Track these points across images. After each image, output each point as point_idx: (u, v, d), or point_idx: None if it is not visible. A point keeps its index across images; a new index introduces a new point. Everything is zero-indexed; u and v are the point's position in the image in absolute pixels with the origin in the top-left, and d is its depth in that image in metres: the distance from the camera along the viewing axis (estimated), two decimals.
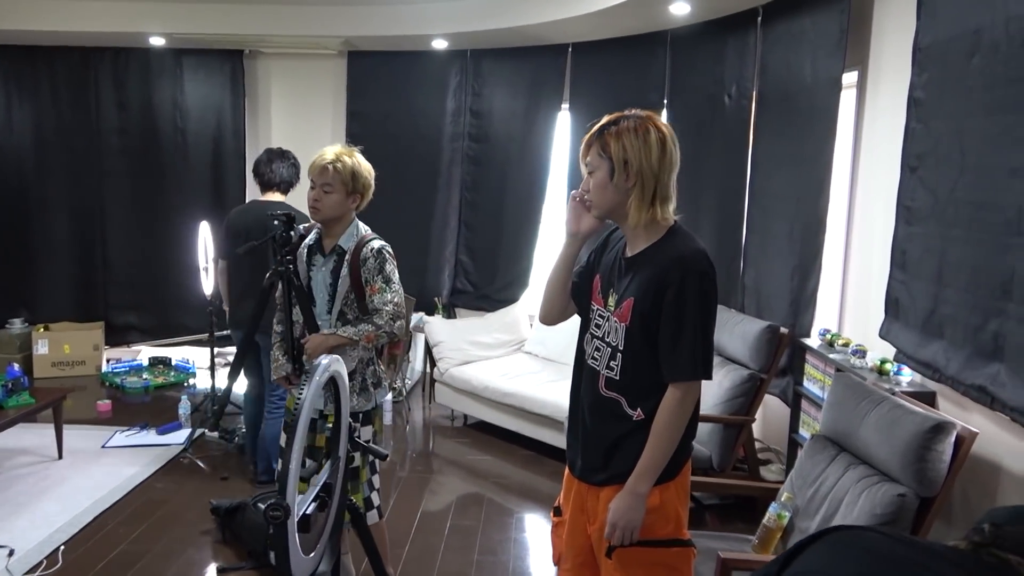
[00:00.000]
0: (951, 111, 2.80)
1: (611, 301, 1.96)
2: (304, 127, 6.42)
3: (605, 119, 1.93)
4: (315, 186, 2.74)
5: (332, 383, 1.76)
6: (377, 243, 2.79)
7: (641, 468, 1.86)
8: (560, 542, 2.12)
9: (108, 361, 6.42)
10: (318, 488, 1.69)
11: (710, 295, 1.87)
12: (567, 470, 2.13)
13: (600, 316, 1.99)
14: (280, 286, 2.83)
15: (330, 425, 2.04)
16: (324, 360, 1.66)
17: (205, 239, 5.37)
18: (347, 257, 2.75)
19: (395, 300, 2.74)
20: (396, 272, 2.81)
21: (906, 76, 3.15)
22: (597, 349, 1.98)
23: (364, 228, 2.87)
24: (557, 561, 2.15)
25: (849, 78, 3.89)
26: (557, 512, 2.16)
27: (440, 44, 5.98)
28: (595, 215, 1.97)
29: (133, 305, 6.69)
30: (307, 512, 1.57)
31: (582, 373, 2.05)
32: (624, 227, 1.97)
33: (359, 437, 2.83)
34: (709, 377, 1.90)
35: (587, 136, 1.93)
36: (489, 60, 6.10)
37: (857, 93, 3.88)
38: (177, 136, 6.48)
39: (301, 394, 1.52)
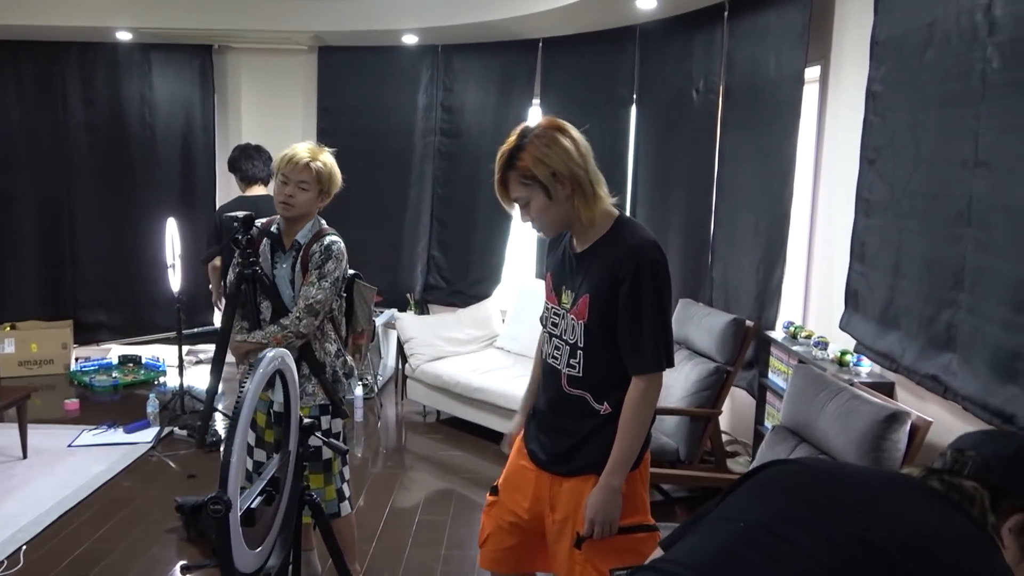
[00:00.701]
0: (906, 104, 2.83)
1: (565, 299, 1.97)
2: (274, 123, 6.38)
3: (503, 152, 1.90)
4: (289, 182, 2.69)
5: (281, 376, 1.76)
6: (328, 239, 2.76)
7: (614, 462, 1.88)
8: (490, 522, 2.15)
9: (77, 360, 6.35)
10: (265, 482, 1.68)
11: (664, 283, 1.89)
12: (515, 454, 2.15)
13: (555, 314, 2.00)
14: (245, 287, 2.80)
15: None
16: (269, 353, 1.66)
17: (172, 236, 5.32)
18: (300, 252, 2.74)
19: (317, 297, 2.67)
20: (339, 271, 2.74)
21: (866, 70, 3.18)
22: (556, 348, 1.99)
23: (322, 224, 2.84)
24: (483, 542, 2.18)
25: (812, 72, 3.92)
26: (494, 491, 2.17)
27: (411, 39, 5.96)
28: (548, 236, 2.01)
29: (102, 303, 6.62)
30: (252, 506, 1.56)
31: (545, 374, 2.07)
32: (575, 227, 1.97)
33: (330, 430, 2.83)
34: (672, 365, 1.92)
35: (497, 176, 1.90)
36: (460, 55, 6.09)
37: (820, 87, 3.92)
38: (146, 132, 6.42)
39: (243, 387, 1.51)
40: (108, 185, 6.47)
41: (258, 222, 2.84)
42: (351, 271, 2.91)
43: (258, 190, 4.28)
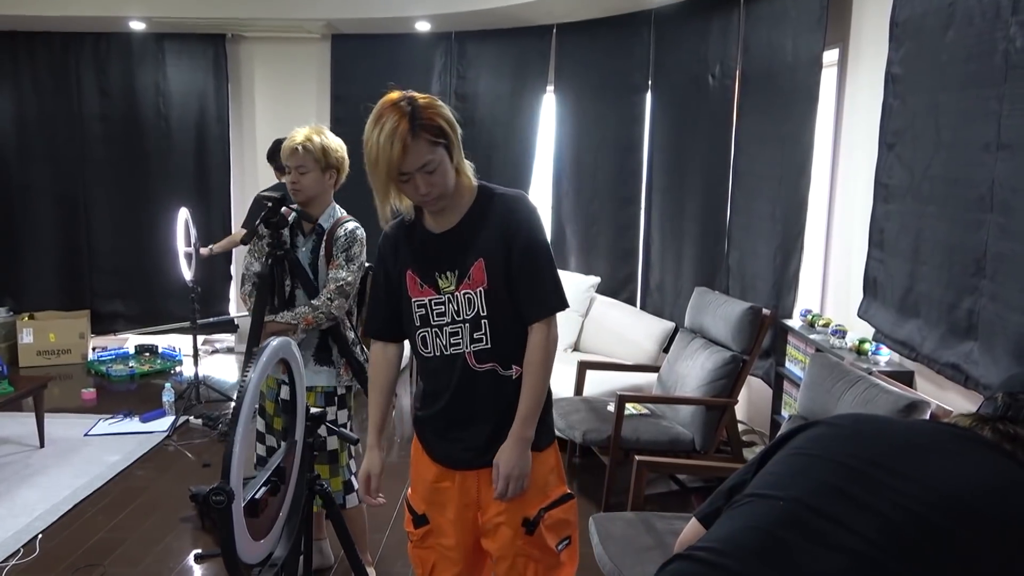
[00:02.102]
0: (927, 86, 2.76)
1: (446, 281, 1.86)
2: (288, 112, 6.36)
3: (396, 119, 1.69)
4: (290, 170, 2.75)
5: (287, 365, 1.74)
6: (351, 224, 2.82)
7: (525, 412, 1.84)
8: (430, 554, 1.97)
9: (94, 349, 6.40)
10: (270, 472, 1.67)
11: (544, 229, 1.92)
12: (423, 478, 1.97)
13: (436, 303, 1.87)
14: (275, 271, 2.80)
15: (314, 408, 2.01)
16: (274, 342, 1.64)
17: (187, 225, 5.33)
18: (324, 237, 2.78)
19: (347, 279, 2.74)
20: (362, 256, 2.80)
21: (885, 52, 3.11)
22: (453, 333, 1.86)
23: (341, 211, 2.88)
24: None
25: (830, 56, 3.85)
26: (423, 521, 1.97)
27: (424, 26, 5.92)
28: (439, 208, 1.84)
29: (118, 293, 6.66)
30: (256, 496, 1.55)
31: (434, 371, 1.92)
32: (440, 203, 1.83)
33: (336, 420, 2.82)
34: (567, 304, 1.90)
35: (399, 146, 1.67)
36: (473, 42, 6.04)
37: (838, 71, 3.84)
38: (160, 122, 6.43)
39: (247, 376, 1.49)
40: (123, 175, 6.49)
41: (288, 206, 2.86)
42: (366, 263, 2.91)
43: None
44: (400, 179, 1.74)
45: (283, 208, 2.81)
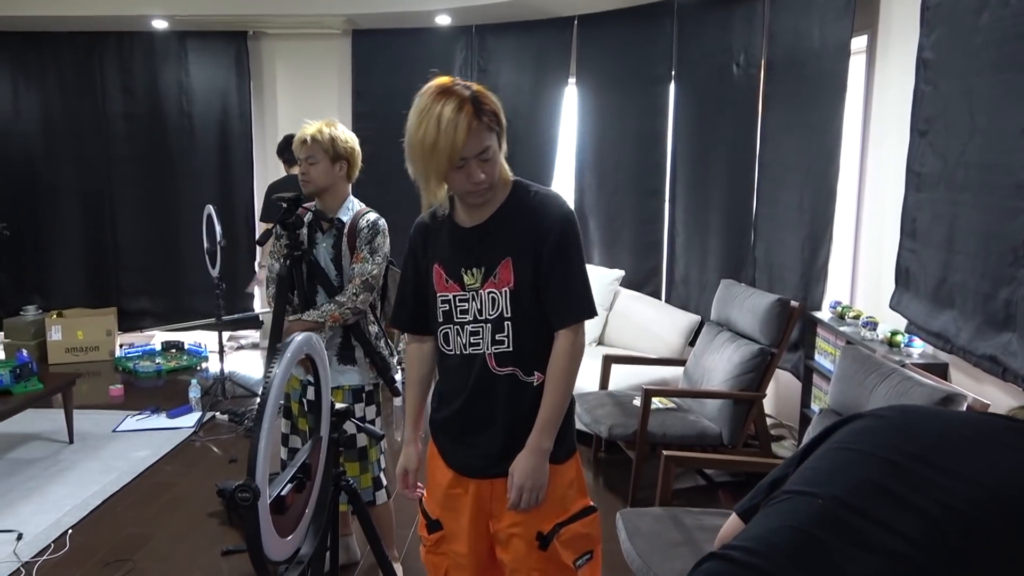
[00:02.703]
0: (960, 71, 2.69)
1: (471, 277, 1.79)
2: (310, 108, 6.33)
3: (453, 93, 1.65)
4: (301, 161, 2.78)
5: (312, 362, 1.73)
6: (372, 216, 2.81)
7: (544, 421, 1.75)
8: (443, 560, 1.92)
9: (121, 346, 6.46)
10: (295, 468, 1.66)
11: (579, 233, 1.84)
12: (438, 483, 1.91)
13: (460, 300, 1.80)
14: (294, 271, 2.80)
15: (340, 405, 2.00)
16: (298, 337, 1.62)
17: (214, 222, 5.34)
18: (345, 230, 2.77)
19: (372, 272, 2.73)
20: (386, 247, 2.80)
21: (915, 37, 3.04)
22: (474, 332, 1.80)
23: (360, 204, 2.87)
24: None
25: (859, 43, 3.78)
26: (437, 526, 1.91)
27: (444, 20, 5.90)
28: (484, 201, 1.77)
29: (145, 290, 6.73)
30: (282, 494, 1.54)
31: (452, 370, 1.86)
32: (488, 194, 1.77)
33: (364, 417, 2.82)
34: (596, 313, 1.83)
35: (464, 127, 1.62)
36: (494, 35, 6.01)
37: (867, 58, 3.77)
38: (183, 120, 6.47)
39: (271, 372, 1.48)
40: (148, 173, 6.55)
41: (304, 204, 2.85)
42: None
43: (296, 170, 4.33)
44: (456, 165, 1.66)
45: (299, 208, 2.80)
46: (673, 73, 5.24)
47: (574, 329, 1.78)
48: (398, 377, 5.54)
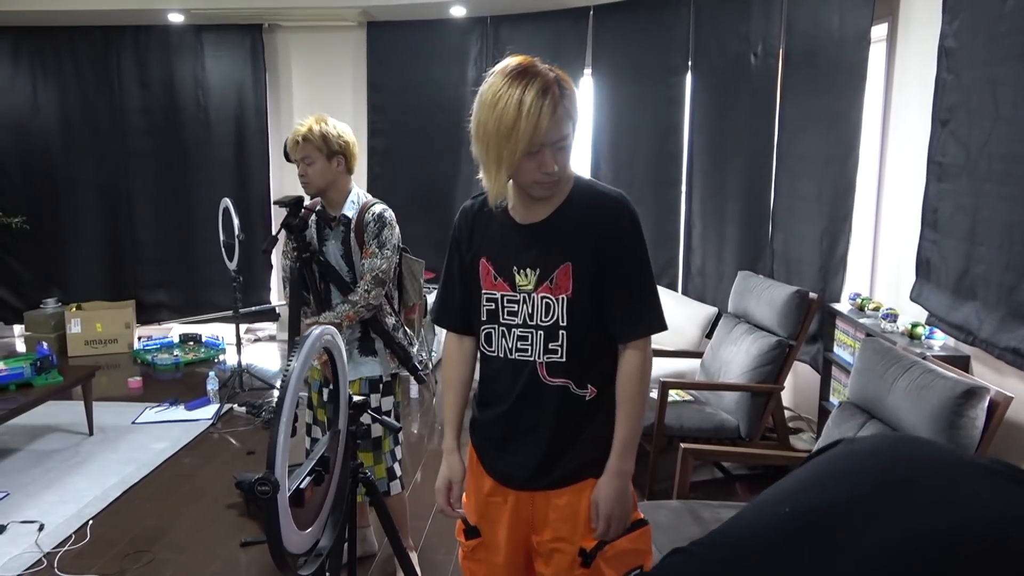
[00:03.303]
0: (983, 59, 2.65)
1: (523, 279, 1.67)
2: (325, 101, 6.38)
3: (540, 76, 1.53)
4: (298, 163, 2.74)
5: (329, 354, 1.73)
6: (378, 208, 2.78)
7: (622, 445, 1.65)
8: (480, 567, 1.82)
9: (139, 339, 6.50)
10: (314, 461, 1.66)
11: (644, 238, 1.71)
12: (478, 490, 1.80)
13: (509, 301, 1.68)
14: (305, 272, 2.79)
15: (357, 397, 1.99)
16: (316, 330, 1.62)
17: (231, 215, 5.36)
18: (352, 225, 2.74)
19: (382, 267, 2.71)
20: (394, 239, 2.77)
21: (937, 25, 3.00)
22: (522, 337, 1.67)
23: (366, 196, 2.85)
24: None
25: (878, 31, 3.73)
26: (475, 533, 1.81)
27: (459, 11, 5.88)
28: (550, 194, 1.65)
29: (162, 283, 6.77)
30: (301, 487, 1.54)
31: (495, 373, 1.74)
32: (556, 188, 1.67)
33: (380, 407, 2.82)
34: (666, 327, 1.71)
35: (554, 108, 1.51)
36: (508, 27, 5.98)
37: (887, 46, 3.72)
38: (200, 113, 6.49)
39: (290, 365, 1.48)
40: (164, 166, 6.58)
41: (306, 203, 2.83)
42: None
43: None
44: (531, 151, 1.54)
45: (301, 210, 2.79)
46: (690, 63, 5.20)
47: (644, 343, 1.67)
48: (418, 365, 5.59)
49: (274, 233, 2.80)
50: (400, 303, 2.98)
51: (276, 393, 5.25)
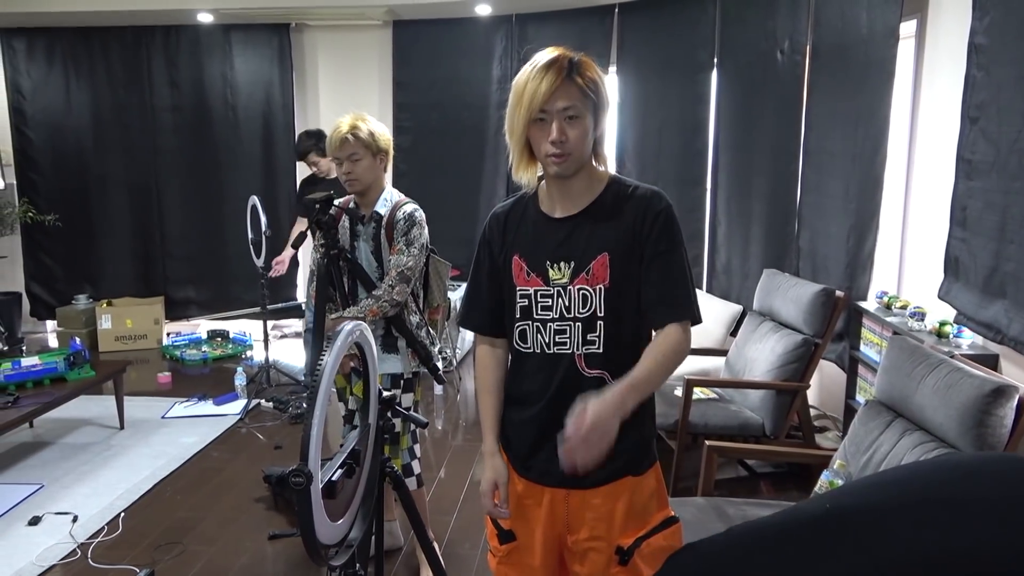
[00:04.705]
0: (1015, 56, 2.63)
1: (556, 273, 1.68)
2: (351, 99, 6.43)
3: (554, 52, 1.60)
4: (342, 161, 2.73)
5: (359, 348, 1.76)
6: (409, 207, 2.80)
7: (636, 381, 1.55)
8: (514, 571, 1.80)
9: (168, 335, 6.60)
10: (345, 454, 1.69)
11: (681, 232, 1.71)
12: (512, 487, 1.77)
13: (543, 295, 1.69)
14: (332, 268, 2.82)
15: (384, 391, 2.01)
16: (348, 326, 1.65)
17: (259, 213, 5.42)
18: (383, 223, 2.77)
19: (408, 264, 2.73)
20: (422, 238, 2.79)
21: (967, 21, 2.97)
22: (559, 331, 1.68)
23: (398, 194, 2.87)
24: None
25: (907, 28, 3.70)
26: (509, 537, 1.79)
27: (484, 10, 5.90)
28: (567, 172, 1.64)
29: (191, 279, 6.87)
30: (333, 479, 1.57)
31: (531, 370, 1.72)
32: (570, 184, 1.68)
33: (401, 403, 2.85)
34: (701, 319, 1.70)
35: (554, 79, 1.55)
36: (534, 24, 6.00)
37: (916, 43, 3.69)
38: (228, 112, 6.57)
39: (322, 360, 1.51)
40: (193, 164, 6.68)
41: (337, 201, 2.86)
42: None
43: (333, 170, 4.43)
44: (538, 117, 1.57)
45: (331, 207, 2.81)
46: (715, 60, 5.18)
47: (681, 325, 1.64)
48: (439, 364, 5.62)
49: (303, 229, 2.82)
50: (424, 303, 3.00)
51: (309, 388, 5.31)
